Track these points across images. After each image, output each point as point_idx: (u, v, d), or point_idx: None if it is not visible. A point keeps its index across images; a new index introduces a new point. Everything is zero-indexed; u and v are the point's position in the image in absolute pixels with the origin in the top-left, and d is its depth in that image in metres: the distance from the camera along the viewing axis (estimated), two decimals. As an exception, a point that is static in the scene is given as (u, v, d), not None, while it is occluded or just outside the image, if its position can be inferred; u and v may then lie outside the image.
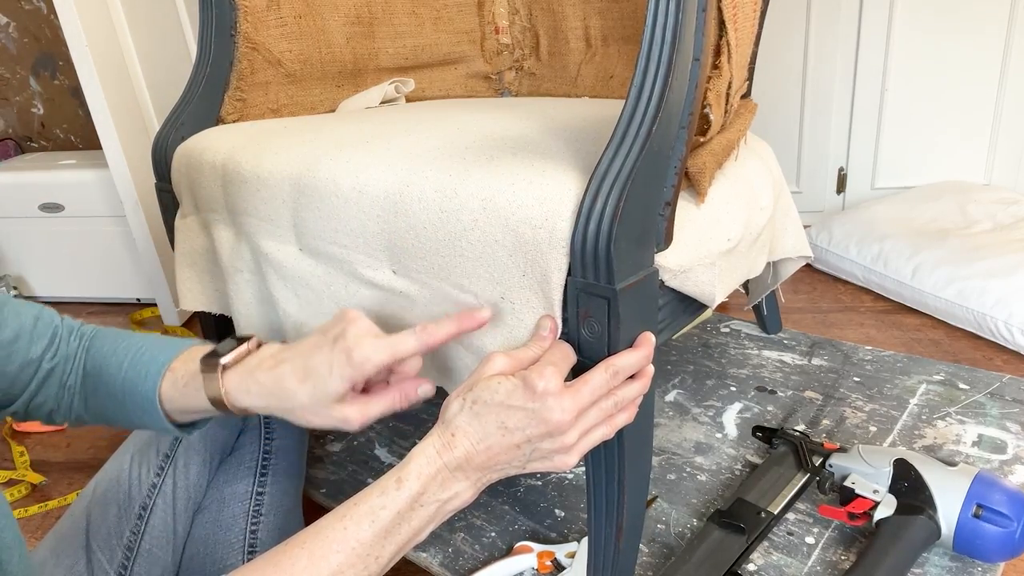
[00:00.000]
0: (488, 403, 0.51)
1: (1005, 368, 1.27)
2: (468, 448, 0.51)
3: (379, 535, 0.48)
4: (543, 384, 0.50)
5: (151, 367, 0.59)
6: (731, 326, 1.21)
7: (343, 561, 0.47)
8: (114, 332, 0.63)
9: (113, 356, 0.60)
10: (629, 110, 0.52)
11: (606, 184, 0.52)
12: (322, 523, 0.49)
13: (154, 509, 0.66)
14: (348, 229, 0.65)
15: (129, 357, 0.59)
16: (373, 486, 0.50)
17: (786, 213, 0.87)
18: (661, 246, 0.58)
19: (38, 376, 0.59)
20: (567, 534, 0.80)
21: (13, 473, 1.21)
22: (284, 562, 0.47)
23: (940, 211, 1.71)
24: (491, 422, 0.51)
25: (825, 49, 1.86)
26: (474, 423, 0.51)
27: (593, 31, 0.98)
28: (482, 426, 0.51)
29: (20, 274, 1.96)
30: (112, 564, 0.63)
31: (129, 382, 0.59)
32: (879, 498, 0.73)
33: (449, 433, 0.52)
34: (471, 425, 0.51)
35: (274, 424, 0.73)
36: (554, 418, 0.50)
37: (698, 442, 0.93)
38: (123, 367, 0.59)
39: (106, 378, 0.60)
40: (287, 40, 0.87)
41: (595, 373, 0.53)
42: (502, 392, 0.51)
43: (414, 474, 0.50)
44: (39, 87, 1.79)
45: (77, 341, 0.61)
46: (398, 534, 0.49)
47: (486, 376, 0.52)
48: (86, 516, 0.65)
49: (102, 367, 0.60)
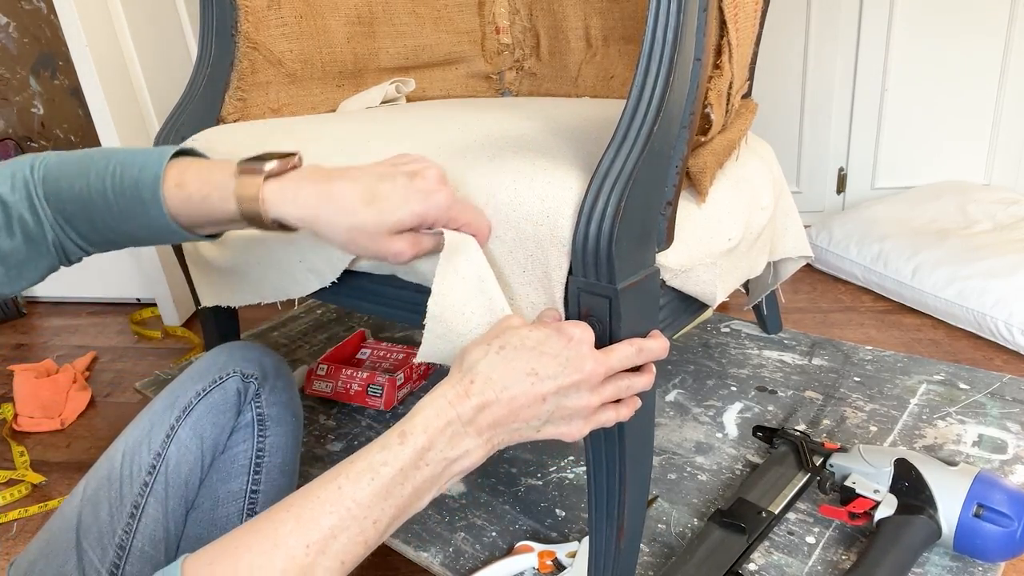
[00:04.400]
0: (519, 348, 0.48)
1: (1005, 368, 1.27)
2: (489, 397, 0.47)
3: (379, 494, 0.43)
4: (579, 332, 0.49)
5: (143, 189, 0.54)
6: (731, 326, 1.22)
7: (336, 524, 0.42)
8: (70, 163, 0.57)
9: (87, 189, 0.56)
10: (630, 110, 0.52)
11: (607, 184, 0.52)
12: (313, 484, 0.44)
13: (146, 508, 0.65)
14: (349, 229, 0.65)
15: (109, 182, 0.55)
16: (373, 443, 0.46)
17: (787, 213, 0.88)
18: (662, 246, 0.58)
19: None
20: (568, 534, 0.80)
21: (13, 473, 1.21)
22: (266, 528, 0.42)
23: (940, 211, 1.71)
24: (520, 368, 0.48)
25: (825, 49, 1.86)
26: (500, 368, 0.48)
27: (594, 31, 0.98)
28: (510, 372, 0.47)
29: (20, 274, 1.96)
30: (104, 563, 0.63)
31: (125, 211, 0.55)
32: (880, 498, 0.73)
33: (468, 380, 0.47)
34: (496, 371, 0.47)
35: (268, 422, 0.72)
36: (587, 367, 0.48)
37: (699, 442, 0.93)
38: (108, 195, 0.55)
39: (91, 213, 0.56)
40: (288, 40, 0.87)
41: (622, 345, 0.52)
42: (534, 338, 0.49)
43: (420, 427, 0.46)
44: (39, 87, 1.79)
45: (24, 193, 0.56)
46: (399, 495, 0.44)
47: (511, 326, 0.50)
48: (77, 515, 0.64)
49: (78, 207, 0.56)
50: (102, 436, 1.33)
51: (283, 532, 0.41)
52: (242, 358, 0.72)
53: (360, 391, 1.07)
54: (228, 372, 0.70)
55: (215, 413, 0.69)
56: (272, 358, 0.74)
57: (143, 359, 1.62)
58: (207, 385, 0.69)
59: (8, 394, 1.45)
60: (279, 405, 0.73)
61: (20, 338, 1.79)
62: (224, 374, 0.70)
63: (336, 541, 0.42)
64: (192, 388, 0.69)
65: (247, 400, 0.71)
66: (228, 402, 0.70)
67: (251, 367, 0.71)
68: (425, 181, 0.53)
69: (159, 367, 1.51)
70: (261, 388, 0.71)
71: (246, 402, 0.71)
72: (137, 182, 0.55)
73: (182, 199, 0.55)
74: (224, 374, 0.70)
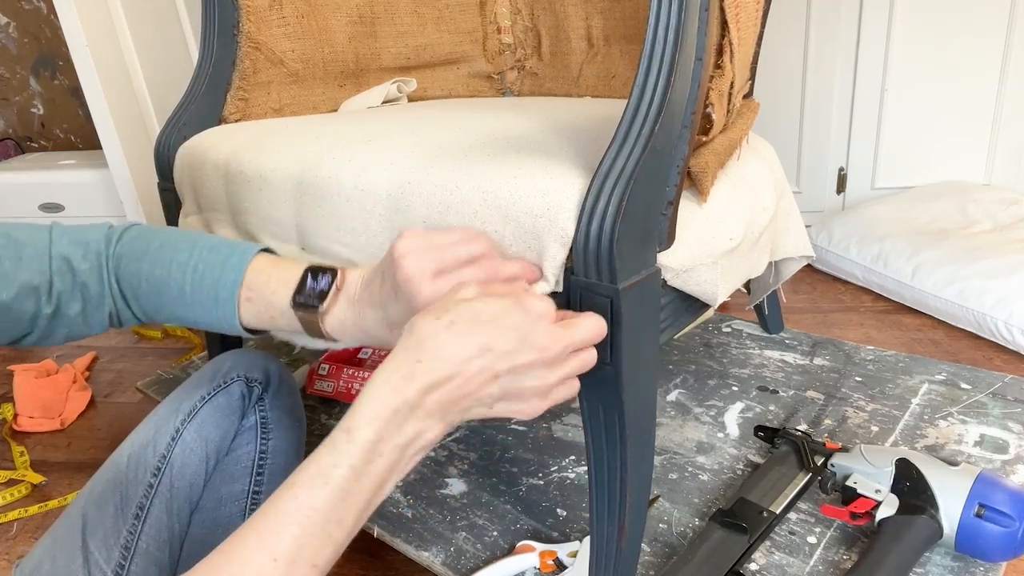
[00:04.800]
0: (473, 322, 0.45)
1: (1005, 368, 1.27)
2: (438, 376, 0.44)
3: (335, 496, 0.43)
4: (541, 306, 0.47)
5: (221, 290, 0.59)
6: (733, 326, 1.22)
7: (299, 534, 0.41)
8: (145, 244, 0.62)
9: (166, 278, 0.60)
10: (631, 109, 0.52)
11: (608, 183, 0.52)
12: (274, 496, 0.43)
13: (151, 509, 0.66)
14: (350, 227, 0.65)
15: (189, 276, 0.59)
16: (323, 442, 0.44)
17: (788, 213, 0.88)
18: (663, 245, 0.58)
19: None
20: (569, 533, 0.80)
21: (13, 473, 1.21)
22: (234, 547, 0.41)
23: (940, 211, 1.71)
24: (474, 344, 0.45)
25: (825, 49, 1.86)
26: (452, 344, 0.45)
27: (595, 31, 0.98)
28: (463, 347, 0.45)
29: (20, 274, 1.95)
30: (109, 564, 0.63)
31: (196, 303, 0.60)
32: (881, 498, 0.73)
33: (414, 359, 0.45)
34: (447, 347, 0.45)
35: (271, 425, 0.73)
36: (547, 344, 0.46)
37: (700, 442, 0.93)
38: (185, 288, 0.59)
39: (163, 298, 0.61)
40: (289, 39, 0.87)
41: (586, 319, 0.50)
42: (489, 311, 0.46)
43: (365, 420, 0.44)
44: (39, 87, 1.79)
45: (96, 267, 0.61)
46: (358, 492, 0.43)
47: (464, 298, 0.47)
48: (82, 516, 0.65)
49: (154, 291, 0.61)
50: (102, 436, 1.33)
51: (249, 549, 0.41)
52: (246, 363, 0.72)
53: (361, 391, 1.07)
54: (232, 377, 0.71)
55: (219, 416, 0.70)
56: (276, 364, 0.75)
57: (143, 359, 1.62)
58: (212, 389, 0.70)
59: (8, 394, 1.45)
60: (282, 409, 0.74)
61: (20, 338, 1.79)
62: (228, 379, 0.71)
63: (304, 549, 0.42)
64: (197, 392, 0.70)
65: (251, 404, 0.72)
66: (232, 406, 0.70)
67: (255, 372, 0.72)
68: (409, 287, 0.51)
69: (159, 367, 1.51)
70: (265, 393, 0.72)
71: (250, 406, 0.72)
72: (217, 281, 0.59)
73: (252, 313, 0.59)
74: (228, 379, 0.71)
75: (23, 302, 0.58)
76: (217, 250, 0.60)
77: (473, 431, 0.99)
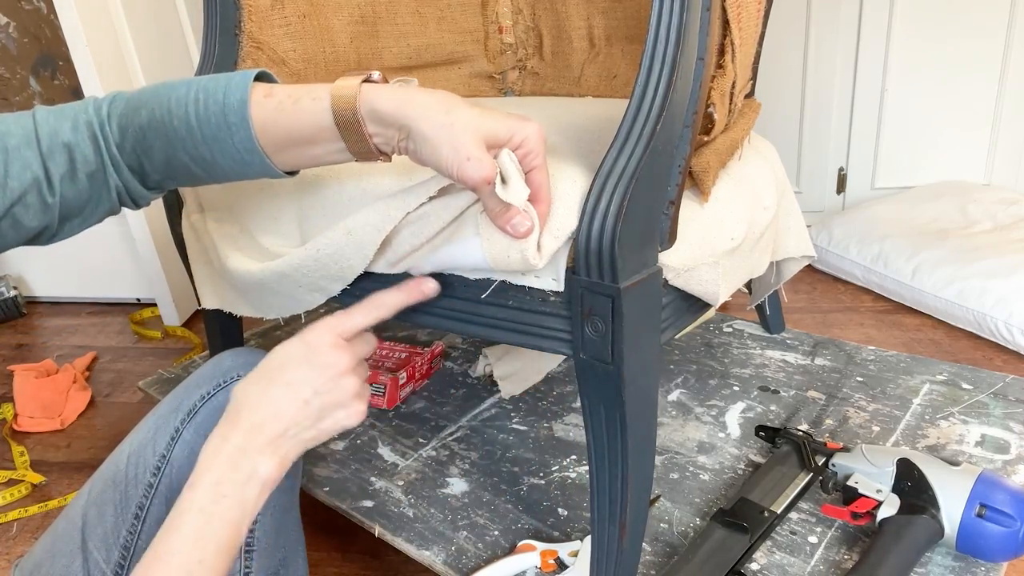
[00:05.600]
0: (269, 368, 0.54)
1: (1005, 368, 1.27)
2: (256, 417, 0.52)
3: (191, 538, 0.48)
4: (313, 336, 0.54)
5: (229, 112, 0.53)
6: (734, 326, 1.22)
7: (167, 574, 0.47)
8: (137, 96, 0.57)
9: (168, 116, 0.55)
10: (633, 109, 0.52)
11: (610, 183, 0.52)
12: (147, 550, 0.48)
13: (150, 509, 0.66)
14: (352, 228, 0.64)
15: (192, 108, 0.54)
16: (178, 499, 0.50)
17: (789, 213, 0.88)
18: (665, 245, 0.58)
19: None
20: (570, 533, 0.80)
21: (13, 473, 1.21)
22: None
23: (940, 211, 1.71)
24: (277, 383, 0.53)
25: (825, 49, 1.86)
26: (258, 392, 0.53)
27: (597, 31, 0.98)
28: (267, 391, 0.53)
29: (20, 274, 1.96)
30: (109, 564, 0.63)
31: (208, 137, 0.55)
32: (882, 498, 0.73)
33: (234, 412, 0.52)
34: (256, 395, 0.53)
35: None
36: (328, 361, 0.53)
37: (701, 441, 0.93)
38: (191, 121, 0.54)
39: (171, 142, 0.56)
40: (291, 39, 0.87)
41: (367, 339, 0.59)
42: (280, 353, 0.54)
43: (203, 467, 0.50)
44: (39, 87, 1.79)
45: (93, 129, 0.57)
46: (212, 532, 0.48)
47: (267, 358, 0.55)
48: (82, 516, 0.65)
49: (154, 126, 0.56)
50: (102, 436, 1.33)
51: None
52: (246, 363, 0.72)
53: (361, 391, 1.07)
54: (233, 375, 0.71)
55: (219, 416, 0.69)
56: None
57: (143, 359, 1.62)
58: (211, 389, 0.70)
59: (8, 394, 1.45)
60: None
61: (20, 338, 1.79)
62: (228, 378, 0.70)
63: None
64: (197, 392, 0.70)
65: None
66: None
67: None
68: (524, 118, 0.53)
69: (159, 367, 1.51)
70: None
71: None
72: (223, 105, 0.53)
73: (271, 109, 0.53)
74: (228, 378, 0.70)
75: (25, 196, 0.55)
76: (215, 78, 0.55)
77: (473, 431, 0.99)
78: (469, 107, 0.52)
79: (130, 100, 0.57)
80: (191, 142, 0.55)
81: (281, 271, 0.67)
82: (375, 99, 0.51)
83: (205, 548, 0.48)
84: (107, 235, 1.80)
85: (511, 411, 1.03)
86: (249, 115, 0.53)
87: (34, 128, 0.55)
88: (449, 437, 0.99)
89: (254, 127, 0.54)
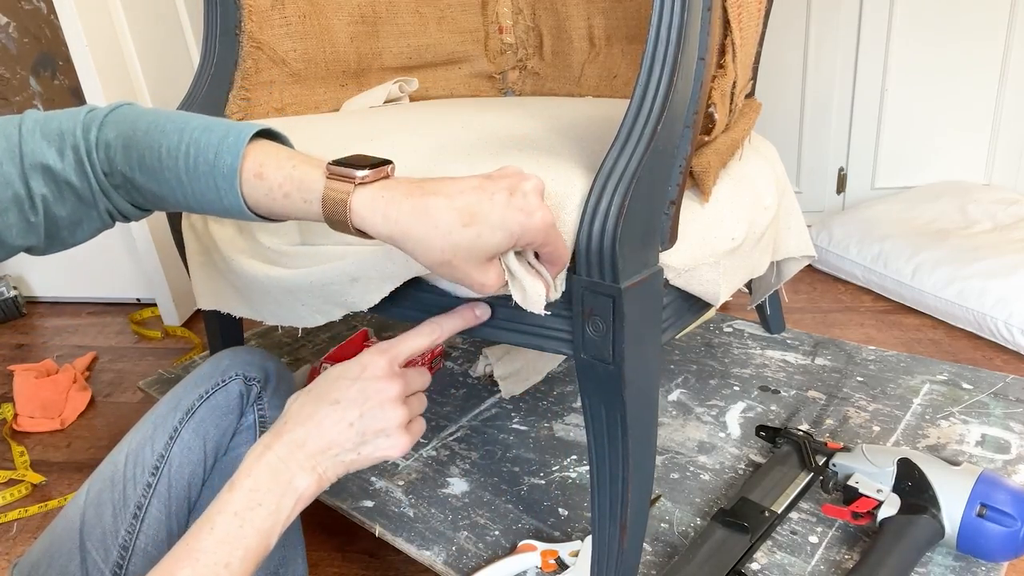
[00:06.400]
0: (320, 385, 0.54)
1: (1005, 368, 1.27)
2: (299, 433, 0.52)
3: (221, 540, 0.48)
4: (367, 358, 0.54)
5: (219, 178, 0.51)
6: (734, 326, 1.22)
7: (190, 574, 0.47)
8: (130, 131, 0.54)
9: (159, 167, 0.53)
10: (634, 109, 0.52)
11: (611, 183, 0.52)
12: (175, 545, 0.49)
13: (149, 508, 0.66)
14: (353, 228, 0.64)
15: (183, 163, 0.52)
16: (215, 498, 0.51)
17: (790, 213, 0.88)
18: (665, 245, 0.58)
19: None
20: (571, 533, 0.80)
21: (13, 473, 1.21)
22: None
23: (940, 211, 1.71)
24: (324, 400, 0.53)
25: (825, 49, 1.86)
26: (308, 406, 0.53)
27: (597, 30, 0.98)
28: (316, 407, 0.53)
29: (20, 274, 1.96)
30: (107, 564, 0.63)
31: (198, 192, 0.53)
32: (883, 497, 0.73)
33: (282, 422, 0.53)
34: (305, 408, 0.53)
35: (269, 424, 0.73)
36: (378, 388, 0.53)
37: (701, 441, 0.93)
38: (182, 177, 0.53)
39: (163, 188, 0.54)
40: (291, 39, 0.87)
41: (412, 371, 0.57)
42: (334, 372, 0.55)
43: (244, 472, 0.50)
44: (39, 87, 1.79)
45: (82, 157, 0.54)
46: (242, 537, 0.49)
47: (327, 371, 0.56)
48: (81, 516, 0.65)
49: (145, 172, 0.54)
50: (102, 436, 1.33)
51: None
52: (244, 362, 0.72)
53: (362, 391, 1.07)
54: (231, 375, 0.70)
55: (218, 415, 0.69)
56: (274, 362, 0.75)
57: (143, 359, 1.62)
58: (210, 388, 0.70)
59: (8, 394, 1.45)
60: (281, 408, 0.73)
61: (20, 338, 1.79)
62: (227, 377, 0.70)
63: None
64: (195, 391, 0.70)
65: (249, 403, 0.71)
66: (231, 404, 0.70)
67: (253, 371, 0.72)
68: (526, 199, 0.48)
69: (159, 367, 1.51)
70: (263, 391, 0.72)
71: (248, 405, 0.71)
72: (212, 169, 0.52)
73: (262, 192, 0.52)
74: (227, 377, 0.70)
75: (5, 213, 0.52)
76: (210, 130, 0.53)
77: (474, 431, 0.99)
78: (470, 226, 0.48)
79: (120, 133, 0.55)
80: (180, 193, 0.54)
81: (285, 285, 0.68)
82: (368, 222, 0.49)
83: (233, 553, 0.48)
84: (107, 235, 1.78)
85: (512, 411, 1.03)
86: (239, 185, 0.52)
87: (19, 142, 0.53)
88: (450, 437, 0.99)
89: (244, 196, 0.52)
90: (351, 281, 0.62)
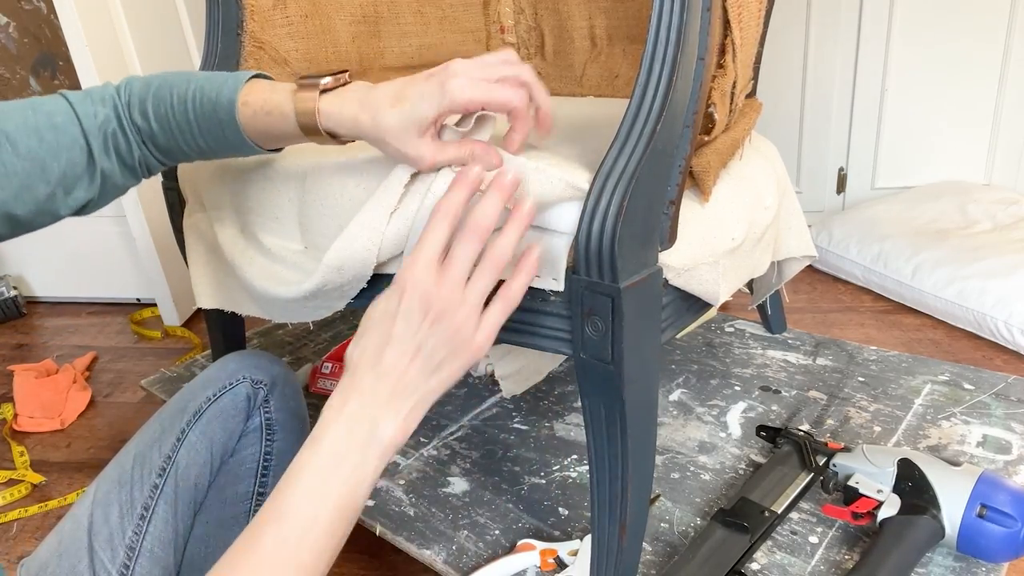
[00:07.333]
0: (368, 326, 0.51)
1: (1005, 368, 1.27)
2: (371, 379, 0.50)
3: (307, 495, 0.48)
4: (403, 274, 0.50)
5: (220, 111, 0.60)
6: (735, 325, 1.22)
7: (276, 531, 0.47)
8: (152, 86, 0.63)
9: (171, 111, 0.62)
10: (634, 109, 0.52)
11: (611, 183, 0.52)
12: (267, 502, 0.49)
13: (156, 509, 0.66)
14: (353, 228, 0.64)
15: (190, 105, 0.61)
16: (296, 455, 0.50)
17: (790, 213, 0.88)
18: (665, 245, 0.58)
19: None
20: (570, 532, 0.80)
21: (13, 473, 1.21)
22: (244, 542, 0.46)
23: (940, 211, 1.71)
24: (379, 339, 0.50)
25: (825, 49, 1.86)
26: (367, 350, 0.51)
27: (598, 30, 0.98)
28: (375, 348, 0.50)
29: (20, 274, 1.96)
30: (114, 564, 0.63)
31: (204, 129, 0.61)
32: (883, 498, 0.73)
33: (349, 374, 0.51)
34: (365, 355, 0.51)
35: (275, 427, 0.74)
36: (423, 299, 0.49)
37: (702, 441, 0.93)
38: (189, 116, 0.61)
39: (173, 132, 0.62)
40: (293, 39, 0.87)
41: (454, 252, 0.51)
42: (379, 308, 0.51)
43: (321, 427, 0.49)
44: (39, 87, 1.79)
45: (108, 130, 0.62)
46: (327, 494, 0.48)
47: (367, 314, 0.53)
48: (88, 517, 0.65)
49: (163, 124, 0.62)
50: (102, 436, 1.33)
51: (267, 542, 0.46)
52: (252, 365, 0.73)
53: (362, 391, 1.07)
54: (238, 378, 0.71)
55: (225, 418, 0.70)
56: (280, 366, 0.75)
57: (143, 359, 1.62)
58: (217, 391, 0.70)
59: (8, 394, 1.45)
60: (287, 411, 0.74)
61: (20, 338, 1.79)
62: (234, 380, 0.71)
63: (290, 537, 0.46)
64: (203, 394, 0.70)
65: (256, 405, 0.72)
66: (238, 407, 0.71)
67: (260, 374, 0.72)
68: (444, 73, 0.53)
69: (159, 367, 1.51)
70: (270, 395, 0.73)
71: (255, 407, 0.72)
72: (215, 105, 0.60)
73: (250, 115, 0.60)
74: (234, 380, 0.71)
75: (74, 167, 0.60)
76: (213, 79, 0.62)
77: (475, 430, 0.99)
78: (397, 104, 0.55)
79: (134, 92, 0.63)
80: (190, 133, 0.62)
81: (284, 303, 0.68)
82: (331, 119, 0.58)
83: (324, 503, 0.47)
84: (107, 235, 1.80)
85: (512, 410, 1.03)
86: (237, 115, 0.60)
87: (71, 108, 0.60)
88: (450, 436, 0.99)
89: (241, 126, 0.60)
90: (338, 271, 0.63)
